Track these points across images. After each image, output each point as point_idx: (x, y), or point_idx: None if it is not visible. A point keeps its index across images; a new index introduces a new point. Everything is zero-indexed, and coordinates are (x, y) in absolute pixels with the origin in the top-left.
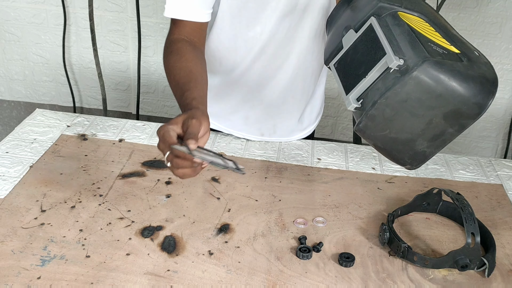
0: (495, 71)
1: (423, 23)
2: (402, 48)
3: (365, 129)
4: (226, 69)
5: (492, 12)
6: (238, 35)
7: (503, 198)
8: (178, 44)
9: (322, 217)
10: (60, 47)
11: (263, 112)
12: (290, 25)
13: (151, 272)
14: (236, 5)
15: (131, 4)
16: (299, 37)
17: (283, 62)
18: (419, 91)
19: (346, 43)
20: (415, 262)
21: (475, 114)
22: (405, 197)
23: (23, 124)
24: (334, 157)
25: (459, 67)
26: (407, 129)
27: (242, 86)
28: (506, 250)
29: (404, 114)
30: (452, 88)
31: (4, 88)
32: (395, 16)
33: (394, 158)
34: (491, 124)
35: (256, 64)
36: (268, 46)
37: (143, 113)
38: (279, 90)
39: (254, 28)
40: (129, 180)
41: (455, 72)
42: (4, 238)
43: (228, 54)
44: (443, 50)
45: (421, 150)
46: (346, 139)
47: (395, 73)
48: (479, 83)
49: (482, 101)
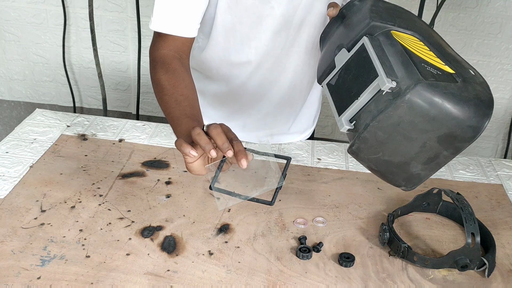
0: (491, 91)
1: (417, 42)
2: (395, 69)
3: (358, 151)
4: (223, 78)
5: (492, 12)
6: (233, 48)
7: (503, 198)
8: (172, 64)
9: (322, 217)
10: (60, 47)
11: (260, 121)
12: (286, 41)
13: (151, 272)
14: (230, 20)
15: (131, 4)
16: (295, 51)
17: (279, 75)
18: (412, 114)
19: (338, 63)
20: (415, 262)
21: (470, 137)
22: (405, 197)
23: (23, 124)
24: (334, 157)
25: (453, 89)
26: (401, 152)
27: (238, 97)
28: (506, 250)
29: (397, 137)
30: (446, 111)
31: (4, 88)
32: (388, 35)
33: (388, 180)
34: (491, 124)
35: (252, 78)
36: (264, 61)
37: (143, 113)
38: (276, 101)
39: (249, 44)
40: (129, 180)
41: (449, 95)
42: (4, 238)
43: (224, 66)
44: (437, 71)
45: (416, 173)
46: (346, 139)
47: (388, 95)
48: (473, 106)
49: (477, 124)
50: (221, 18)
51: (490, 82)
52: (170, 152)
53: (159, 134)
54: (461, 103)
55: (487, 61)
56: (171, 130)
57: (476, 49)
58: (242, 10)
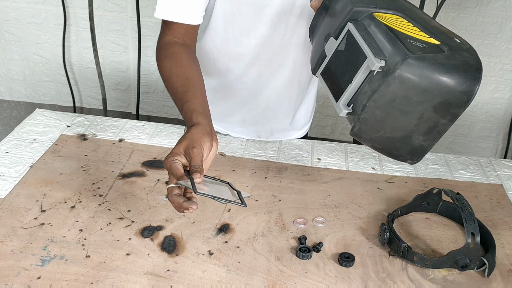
0: (480, 59)
1: (400, 20)
2: (382, 48)
3: (360, 133)
4: (220, 72)
5: (492, 12)
6: (232, 39)
7: (503, 198)
8: (173, 48)
9: (322, 217)
10: (60, 47)
11: (259, 115)
12: (286, 32)
13: (151, 272)
14: (230, 9)
15: (131, 4)
16: (294, 43)
17: (279, 68)
18: (405, 89)
19: (328, 52)
20: (415, 262)
21: (464, 102)
22: (405, 197)
23: (23, 124)
24: (334, 157)
25: (441, 59)
26: (401, 127)
27: (237, 90)
28: (506, 250)
29: (395, 113)
30: (437, 81)
31: (4, 88)
32: (372, 17)
33: (393, 156)
34: (491, 124)
35: (251, 70)
36: (262, 52)
37: (143, 113)
38: (275, 94)
39: (248, 34)
40: (129, 180)
41: (437, 65)
42: (4, 238)
43: (222, 58)
44: (423, 44)
45: (418, 145)
46: (346, 139)
47: (379, 74)
48: (462, 71)
49: (469, 88)
50: (221, 8)
51: (490, 82)
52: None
53: (159, 134)
54: (450, 71)
55: (487, 61)
56: (171, 130)
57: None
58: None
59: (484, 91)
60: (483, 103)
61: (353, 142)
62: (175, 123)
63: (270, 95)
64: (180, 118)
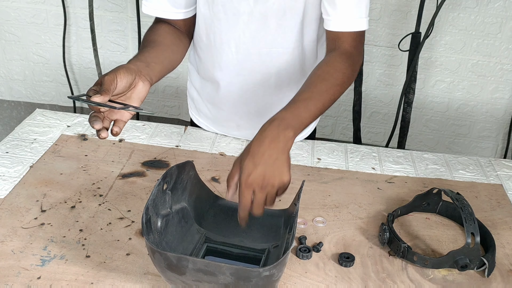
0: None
1: None
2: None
3: None
4: (210, 78)
5: (492, 12)
6: (214, 48)
7: (503, 198)
8: (157, 24)
9: (322, 217)
10: (60, 47)
11: (253, 121)
12: (265, 41)
13: (151, 272)
14: (209, 15)
15: (131, 4)
16: (276, 52)
17: (263, 77)
18: None
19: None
20: (415, 262)
21: None
22: (405, 197)
23: (23, 124)
24: (334, 157)
25: None
26: None
27: (227, 97)
28: (506, 250)
29: None
30: None
31: (4, 88)
32: None
33: None
34: (491, 124)
35: (237, 79)
36: (244, 61)
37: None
38: (265, 101)
39: (228, 43)
40: (129, 180)
41: None
42: (4, 238)
43: (209, 66)
44: None
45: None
46: (346, 139)
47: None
48: None
49: None
50: (201, 14)
51: (490, 82)
52: (170, 152)
53: (159, 134)
54: None
55: (487, 61)
56: (171, 130)
57: (476, 49)
58: (219, 6)
59: (484, 91)
60: (483, 103)
61: (353, 142)
62: (175, 123)
63: (259, 102)
64: (180, 118)
